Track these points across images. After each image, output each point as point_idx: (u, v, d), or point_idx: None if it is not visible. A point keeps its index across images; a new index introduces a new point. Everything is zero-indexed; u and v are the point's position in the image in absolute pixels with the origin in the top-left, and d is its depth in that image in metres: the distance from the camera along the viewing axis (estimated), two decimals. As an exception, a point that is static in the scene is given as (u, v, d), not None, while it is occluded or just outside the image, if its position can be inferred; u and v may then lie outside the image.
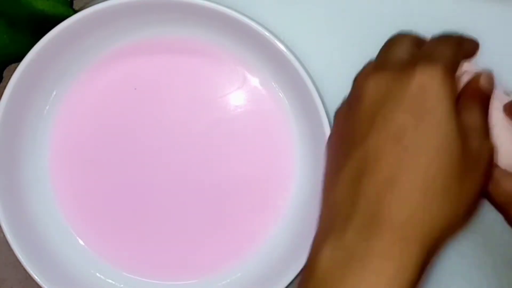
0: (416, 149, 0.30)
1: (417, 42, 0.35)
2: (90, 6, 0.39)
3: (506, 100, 0.35)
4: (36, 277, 0.40)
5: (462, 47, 0.35)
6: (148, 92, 0.43)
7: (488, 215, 0.42)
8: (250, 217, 0.43)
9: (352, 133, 0.32)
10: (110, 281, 0.43)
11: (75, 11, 0.40)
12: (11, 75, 0.40)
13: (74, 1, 0.44)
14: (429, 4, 0.41)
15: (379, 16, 0.42)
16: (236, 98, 0.43)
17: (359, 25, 0.42)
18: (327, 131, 0.39)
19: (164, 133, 0.43)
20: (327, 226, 0.31)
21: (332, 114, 0.42)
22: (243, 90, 0.43)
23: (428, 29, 0.41)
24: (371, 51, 0.42)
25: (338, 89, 0.42)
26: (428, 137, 0.30)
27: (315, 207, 0.41)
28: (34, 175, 0.43)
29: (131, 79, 0.43)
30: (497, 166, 0.33)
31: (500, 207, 0.34)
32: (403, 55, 0.34)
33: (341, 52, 0.42)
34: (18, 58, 0.40)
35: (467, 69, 0.35)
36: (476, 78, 0.34)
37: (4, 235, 0.40)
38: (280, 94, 0.43)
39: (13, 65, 0.44)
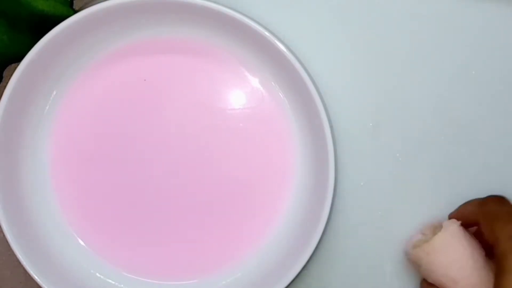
0: None
1: None
2: (90, 6, 0.40)
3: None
4: (36, 277, 0.40)
5: None
6: (148, 91, 0.43)
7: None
8: (250, 217, 0.43)
9: None
10: (110, 281, 0.43)
11: (75, 11, 0.41)
12: (11, 75, 0.40)
13: (74, 1, 0.44)
14: (429, 5, 0.41)
15: (379, 16, 0.42)
16: (236, 98, 0.43)
17: (359, 25, 0.42)
18: (327, 131, 0.39)
19: (163, 134, 0.43)
20: None
21: (332, 114, 0.42)
22: (243, 90, 0.43)
23: (428, 29, 0.42)
24: (371, 51, 0.42)
25: (338, 89, 0.42)
26: None
27: (314, 207, 0.41)
28: (34, 175, 0.43)
29: (131, 79, 0.43)
30: None
31: None
32: None
33: (341, 52, 0.42)
34: (18, 58, 0.40)
35: None
36: None
37: (4, 235, 0.40)
38: (280, 94, 0.43)
39: (13, 65, 0.44)
